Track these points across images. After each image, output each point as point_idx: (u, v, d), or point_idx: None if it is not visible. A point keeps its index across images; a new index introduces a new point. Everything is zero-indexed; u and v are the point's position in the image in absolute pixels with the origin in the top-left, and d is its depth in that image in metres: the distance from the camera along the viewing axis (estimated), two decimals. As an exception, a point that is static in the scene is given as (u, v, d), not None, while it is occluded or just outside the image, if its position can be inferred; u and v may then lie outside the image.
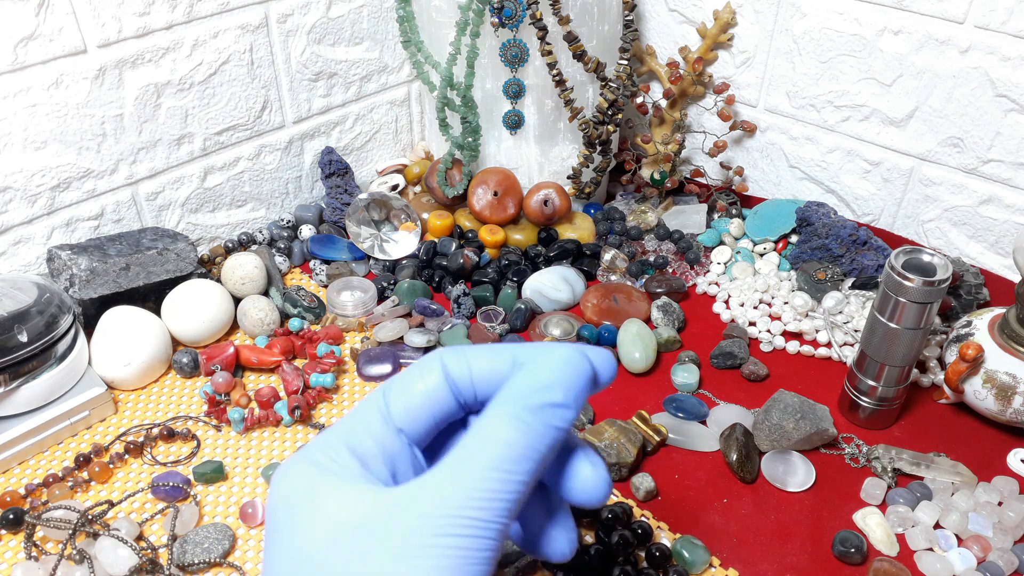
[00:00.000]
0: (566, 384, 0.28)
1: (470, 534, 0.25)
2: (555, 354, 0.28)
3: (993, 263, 0.90)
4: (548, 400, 0.27)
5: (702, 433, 0.71)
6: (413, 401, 0.29)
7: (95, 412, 0.73)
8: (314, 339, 0.81)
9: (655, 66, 1.07)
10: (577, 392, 0.28)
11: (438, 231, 0.96)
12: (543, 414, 0.27)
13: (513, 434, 0.27)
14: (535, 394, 0.27)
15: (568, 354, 0.28)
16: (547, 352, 0.28)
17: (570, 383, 0.28)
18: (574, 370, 0.28)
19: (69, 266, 0.76)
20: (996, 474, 0.68)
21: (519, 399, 0.27)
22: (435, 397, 0.29)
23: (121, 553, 0.58)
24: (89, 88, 0.78)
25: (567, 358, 0.28)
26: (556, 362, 0.28)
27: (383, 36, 1.03)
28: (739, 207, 1.03)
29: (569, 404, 0.28)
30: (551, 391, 0.27)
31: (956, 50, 0.83)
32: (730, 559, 0.61)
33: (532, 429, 0.27)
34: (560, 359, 0.28)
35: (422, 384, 0.29)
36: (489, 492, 0.26)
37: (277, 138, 0.97)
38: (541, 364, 0.28)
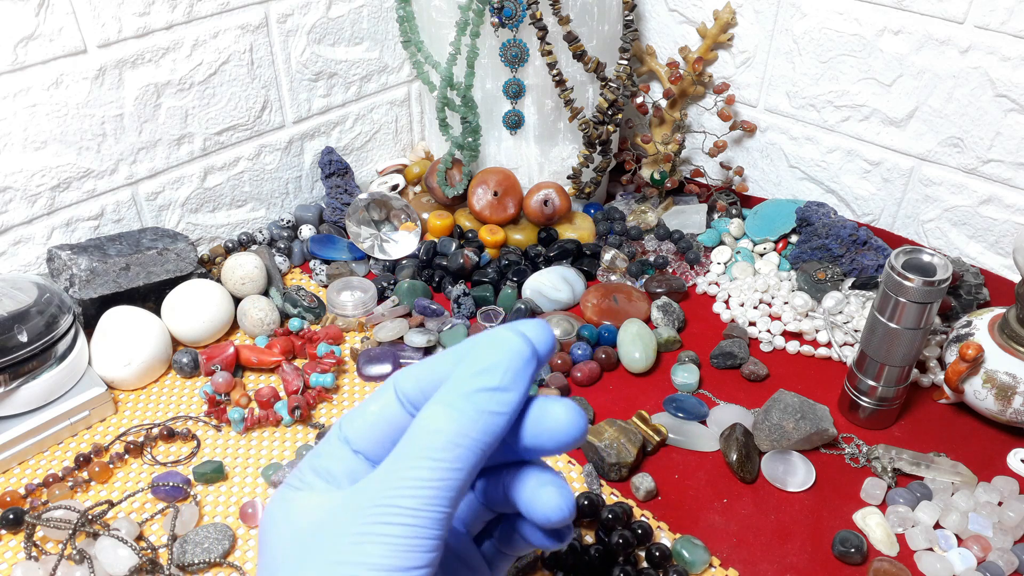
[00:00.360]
0: (498, 366, 0.27)
1: (401, 523, 0.26)
2: (486, 338, 0.28)
3: (993, 263, 0.90)
4: (480, 385, 0.27)
5: (702, 433, 0.71)
6: (366, 422, 0.30)
7: (95, 412, 0.73)
8: (314, 339, 0.81)
9: (655, 66, 1.07)
10: (512, 372, 0.27)
11: (438, 231, 0.96)
12: (475, 399, 0.27)
13: (443, 422, 0.26)
14: (467, 380, 0.27)
15: (498, 335, 0.28)
16: (481, 338, 0.28)
17: (503, 364, 0.27)
18: (505, 350, 0.27)
19: (69, 266, 0.76)
20: (996, 474, 0.68)
21: (453, 388, 0.27)
22: (387, 416, 0.30)
23: (121, 553, 0.58)
24: (89, 88, 0.78)
25: (497, 339, 0.28)
26: (486, 345, 0.28)
27: (383, 36, 1.03)
28: (739, 207, 1.03)
29: (505, 386, 0.27)
30: (482, 375, 0.27)
31: (956, 50, 0.83)
32: (730, 559, 0.61)
33: (464, 415, 0.26)
34: (490, 341, 0.28)
35: (374, 406, 0.30)
36: (418, 481, 0.26)
37: (277, 138, 0.97)
38: (475, 351, 0.28)
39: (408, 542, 0.26)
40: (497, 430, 0.27)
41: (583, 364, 0.78)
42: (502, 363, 0.27)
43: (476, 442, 0.26)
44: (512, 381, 0.27)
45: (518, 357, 0.27)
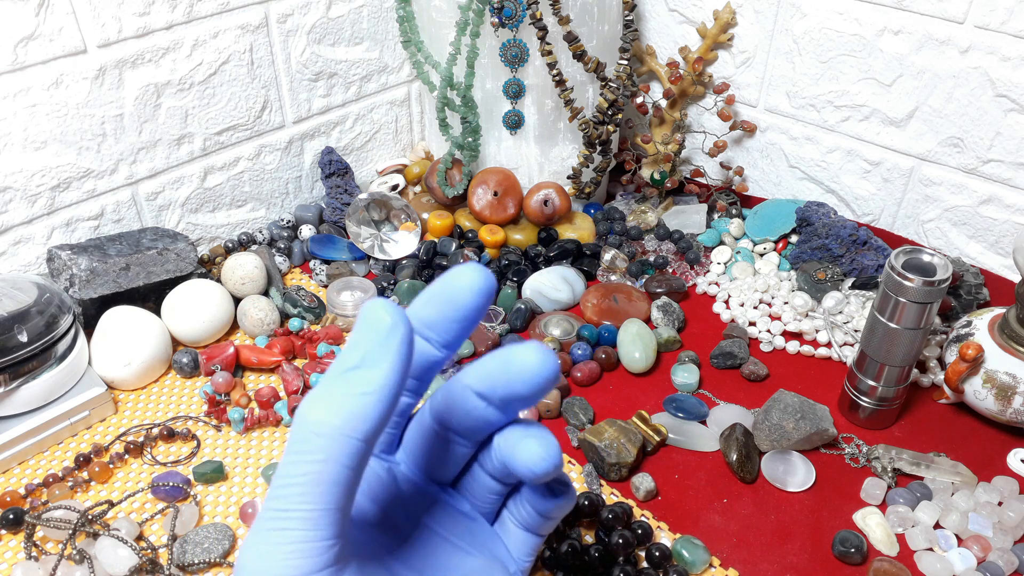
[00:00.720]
0: (357, 343, 0.25)
1: (280, 527, 0.24)
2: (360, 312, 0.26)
3: (993, 263, 0.90)
4: (342, 365, 0.25)
5: (702, 433, 0.71)
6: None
7: (95, 412, 0.73)
8: (314, 339, 0.81)
9: (655, 66, 1.07)
10: (367, 347, 0.25)
11: (438, 231, 0.96)
12: (339, 381, 0.25)
13: (307, 410, 0.25)
14: (335, 364, 0.25)
15: (363, 308, 0.26)
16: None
17: (361, 340, 0.25)
18: (364, 324, 0.25)
19: (69, 266, 0.76)
20: (996, 474, 0.68)
21: (328, 371, 0.25)
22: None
23: (121, 553, 0.58)
24: (89, 88, 0.78)
25: (361, 313, 0.25)
26: (357, 321, 0.25)
27: (383, 36, 1.03)
28: (739, 207, 1.03)
29: (366, 364, 0.24)
30: (344, 354, 0.25)
31: (956, 50, 0.83)
32: (730, 559, 0.61)
33: (329, 401, 0.24)
34: (360, 316, 0.26)
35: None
36: (286, 478, 0.25)
37: (277, 138, 0.97)
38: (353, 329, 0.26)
39: (293, 547, 0.24)
40: (369, 412, 0.24)
41: (583, 364, 0.78)
42: (360, 339, 0.25)
43: (339, 429, 0.24)
44: (377, 355, 0.24)
45: (380, 328, 0.25)
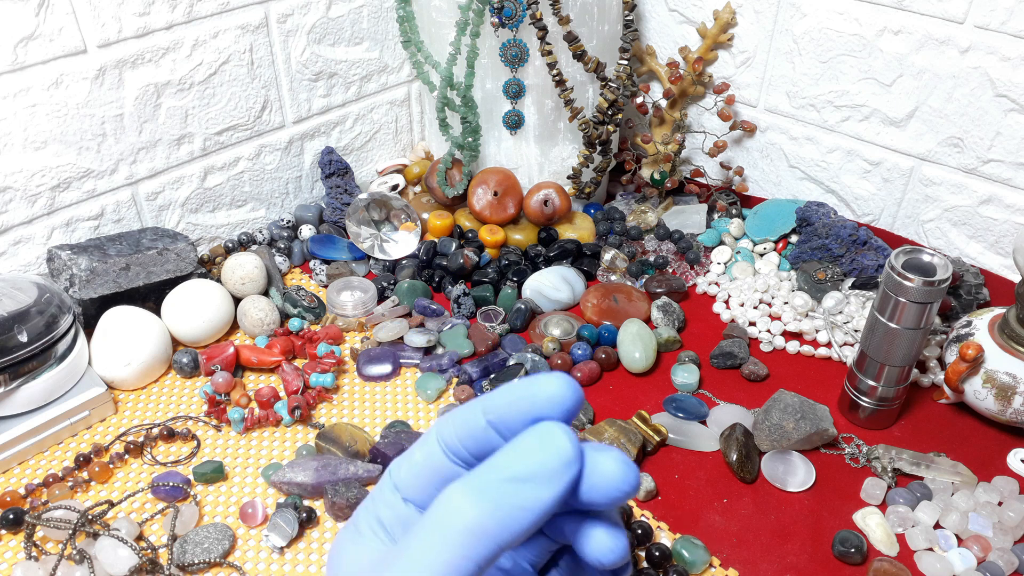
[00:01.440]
0: (539, 461, 0.25)
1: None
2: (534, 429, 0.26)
3: (993, 263, 0.90)
4: (512, 474, 0.25)
5: (702, 433, 0.71)
6: (412, 470, 0.29)
7: (95, 412, 0.73)
8: (314, 339, 0.81)
9: (655, 66, 1.07)
10: (550, 471, 0.25)
11: (438, 231, 0.96)
12: (504, 489, 0.25)
13: (465, 507, 0.25)
14: (501, 468, 0.25)
15: (548, 431, 0.26)
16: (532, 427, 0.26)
17: (544, 461, 0.25)
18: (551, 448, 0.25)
19: (69, 266, 0.76)
20: (996, 474, 0.68)
21: (485, 472, 0.25)
22: (432, 464, 0.29)
23: (121, 553, 0.58)
24: (89, 88, 0.78)
25: (545, 434, 0.26)
26: (532, 437, 0.26)
27: (383, 36, 1.03)
28: (739, 207, 1.03)
29: (542, 483, 0.25)
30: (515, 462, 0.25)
31: (956, 50, 0.83)
32: (730, 559, 0.61)
33: (489, 504, 0.25)
34: (537, 435, 0.26)
35: (419, 454, 0.29)
36: (428, 564, 0.25)
37: (277, 138, 0.97)
38: (520, 438, 0.26)
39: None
40: (521, 527, 0.25)
41: (583, 364, 0.78)
42: (543, 459, 0.25)
43: (494, 536, 0.25)
44: (549, 479, 0.25)
45: (560, 457, 0.25)
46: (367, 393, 0.77)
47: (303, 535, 0.63)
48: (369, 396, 0.77)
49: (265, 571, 0.60)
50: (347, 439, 0.69)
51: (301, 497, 0.66)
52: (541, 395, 0.27)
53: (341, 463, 0.66)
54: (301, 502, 0.65)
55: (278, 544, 0.61)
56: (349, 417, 0.75)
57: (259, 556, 0.61)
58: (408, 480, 0.29)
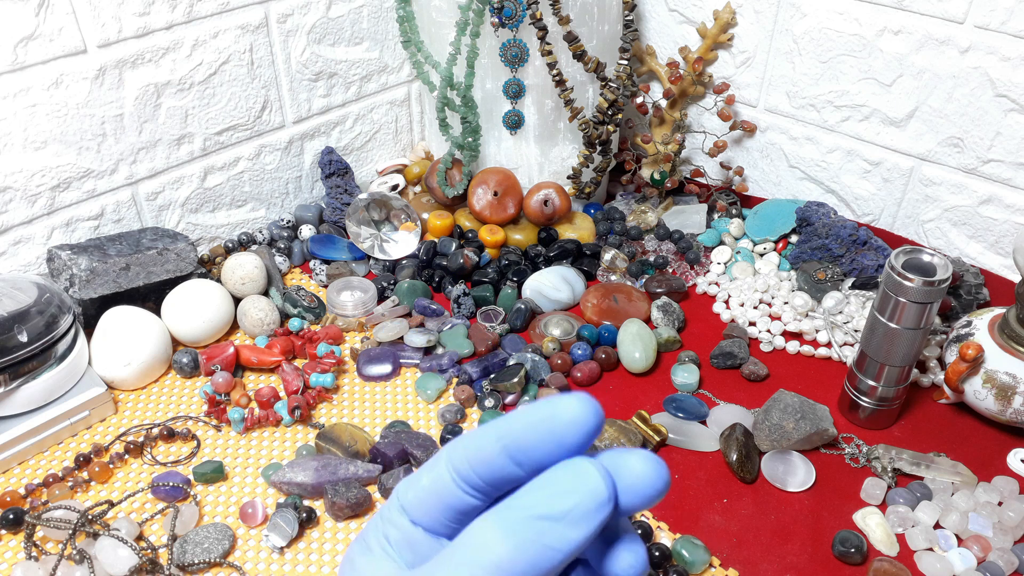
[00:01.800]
0: (571, 501, 0.24)
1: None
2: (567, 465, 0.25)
3: (993, 263, 0.90)
4: (543, 512, 0.24)
5: (702, 433, 0.71)
6: (419, 495, 0.28)
7: (95, 412, 0.73)
8: (314, 339, 0.81)
9: (655, 66, 1.07)
10: (584, 511, 0.24)
11: (438, 231, 0.96)
12: (535, 527, 0.24)
13: (493, 542, 0.24)
14: (532, 504, 0.25)
15: (581, 467, 0.25)
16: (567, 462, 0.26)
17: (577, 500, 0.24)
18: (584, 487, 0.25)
19: (69, 266, 0.76)
20: (996, 474, 0.68)
21: (514, 507, 0.25)
22: (438, 490, 0.28)
23: (121, 553, 0.58)
24: (89, 88, 0.78)
25: (578, 471, 0.25)
26: (564, 473, 0.25)
27: (383, 36, 1.03)
28: (739, 207, 1.03)
29: (572, 523, 0.24)
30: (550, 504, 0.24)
31: (956, 50, 0.83)
32: (730, 559, 0.61)
33: (518, 541, 0.24)
34: (570, 471, 0.25)
35: (426, 479, 0.28)
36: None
37: (277, 138, 0.97)
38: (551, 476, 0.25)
39: None
40: (551, 566, 0.24)
41: (583, 364, 0.78)
42: (576, 499, 0.24)
43: (521, 574, 0.24)
44: (581, 520, 0.24)
45: (594, 498, 0.24)
46: (367, 393, 0.77)
47: (303, 535, 0.63)
48: (369, 396, 0.77)
49: (265, 571, 0.60)
50: (347, 439, 0.69)
51: (301, 497, 0.66)
52: (562, 418, 0.26)
53: (341, 463, 0.66)
54: (301, 502, 0.65)
55: (278, 544, 0.61)
56: (349, 417, 0.75)
57: (259, 556, 0.61)
58: (415, 504, 0.28)
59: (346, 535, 0.63)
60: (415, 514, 0.29)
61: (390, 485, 0.65)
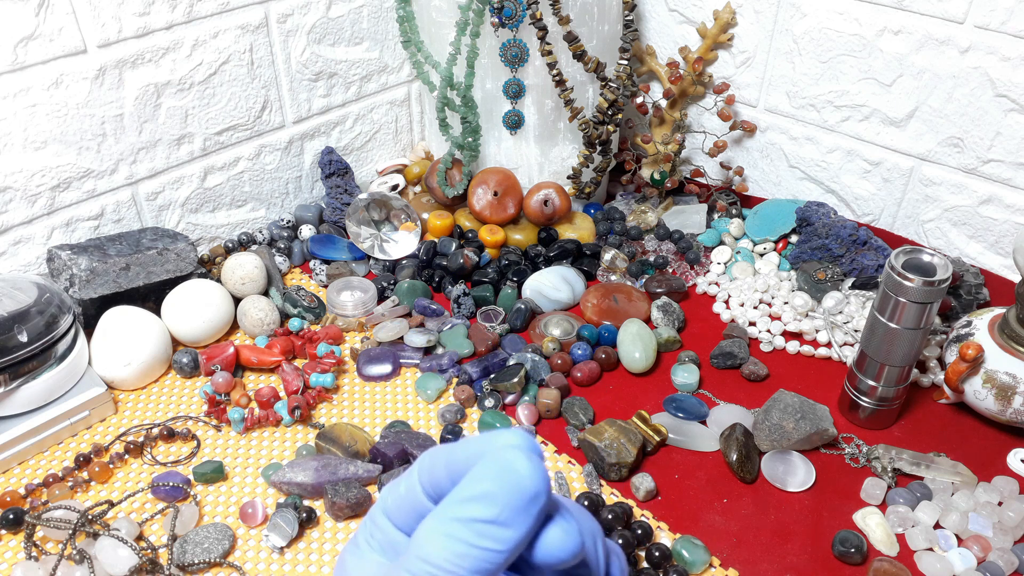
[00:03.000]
0: (497, 497, 0.24)
1: None
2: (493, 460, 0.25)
3: (993, 263, 0.90)
4: (475, 514, 0.24)
5: (702, 433, 0.71)
6: (396, 501, 0.29)
7: (95, 412, 0.73)
8: (314, 339, 0.81)
9: (655, 66, 1.07)
10: (512, 508, 0.24)
11: (438, 231, 0.96)
12: (471, 528, 0.24)
13: (433, 547, 0.24)
14: (461, 505, 0.24)
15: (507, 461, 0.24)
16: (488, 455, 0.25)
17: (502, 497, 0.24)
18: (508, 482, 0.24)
19: (69, 266, 0.76)
20: (996, 474, 0.68)
21: (448, 509, 0.24)
22: (411, 499, 0.29)
23: (121, 553, 0.58)
24: (89, 88, 0.78)
25: (503, 465, 0.24)
26: (491, 467, 0.24)
27: (383, 36, 1.03)
28: (739, 207, 1.03)
29: (504, 521, 0.24)
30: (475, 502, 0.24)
31: (956, 50, 0.83)
32: (730, 559, 0.61)
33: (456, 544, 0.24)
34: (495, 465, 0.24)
35: (403, 487, 0.29)
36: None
37: (277, 138, 0.97)
38: (478, 470, 0.24)
39: None
40: (490, 568, 0.24)
41: (583, 364, 0.78)
42: (497, 492, 0.24)
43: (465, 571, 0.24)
44: (508, 517, 0.24)
45: (517, 491, 0.24)
46: (367, 393, 0.77)
47: (303, 535, 0.63)
48: (369, 396, 0.77)
49: (265, 571, 0.60)
50: (347, 439, 0.69)
51: (301, 497, 0.66)
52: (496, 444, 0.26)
53: (341, 463, 0.66)
54: (301, 502, 0.65)
55: (278, 544, 0.61)
56: (349, 417, 0.75)
57: (259, 556, 0.61)
58: (394, 509, 0.29)
59: (346, 535, 0.63)
60: (395, 518, 0.29)
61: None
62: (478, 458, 0.26)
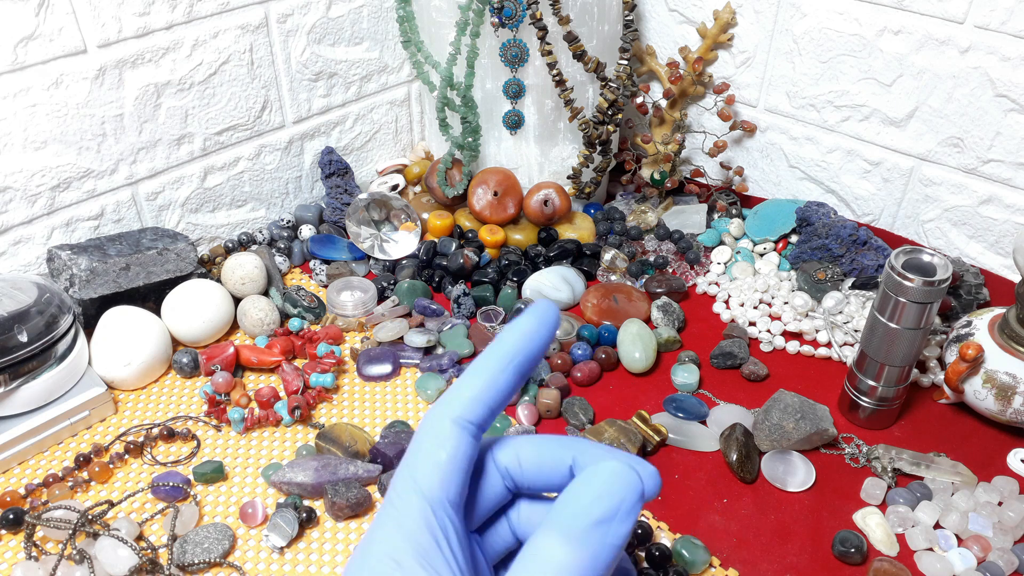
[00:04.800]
0: (619, 501, 0.27)
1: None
2: (606, 469, 0.28)
3: (993, 263, 0.90)
4: (599, 517, 0.27)
5: (702, 433, 0.71)
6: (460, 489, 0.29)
7: (95, 412, 0.73)
8: (314, 339, 0.81)
9: (655, 66, 1.07)
10: (629, 508, 0.27)
11: (438, 231, 0.96)
12: (595, 534, 0.27)
13: (564, 557, 0.26)
14: (586, 514, 0.27)
15: (618, 471, 0.28)
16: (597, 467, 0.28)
17: (623, 499, 0.27)
18: (625, 486, 0.27)
19: (69, 266, 0.76)
20: (996, 474, 0.68)
21: (572, 520, 0.27)
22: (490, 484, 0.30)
23: (121, 553, 0.58)
24: (89, 88, 0.78)
25: (618, 474, 0.28)
26: (607, 478, 0.27)
27: (383, 36, 1.03)
28: (739, 207, 1.03)
29: (623, 520, 0.27)
30: (602, 508, 0.27)
31: (956, 50, 0.83)
32: (730, 559, 0.61)
33: (584, 550, 0.26)
34: (611, 474, 0.28)
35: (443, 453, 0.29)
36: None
37: (277, 138, 0.97)
38: (591, 479, 0.28)
39: None
40: (609, 563, 0.27)
41: (583, 364, 0.78)
42: (622, 498, 0.27)
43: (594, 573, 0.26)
44: (627, 516, 0.27)
45: (635, 493, 0.28)
46: (367, 393, 0.77)
47: (303, 535, 0.63)
48: (369, 396, 0.77)
49: (265, 571, 0.60)
50: (347, 439, 0.69)
51: (301, 497, 0.66)
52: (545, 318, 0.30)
53: (341, 463, 0.66)
54: (301, 502, 0.65)
55: (278, 544, 0.61)
56: (349, 417, 0.75)
57: (259, 556, 0.61)
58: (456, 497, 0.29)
59: (346, 535, 0.63)
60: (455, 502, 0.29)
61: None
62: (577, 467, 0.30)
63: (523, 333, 0.29)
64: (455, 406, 0.29)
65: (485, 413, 0.29)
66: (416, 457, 0.29)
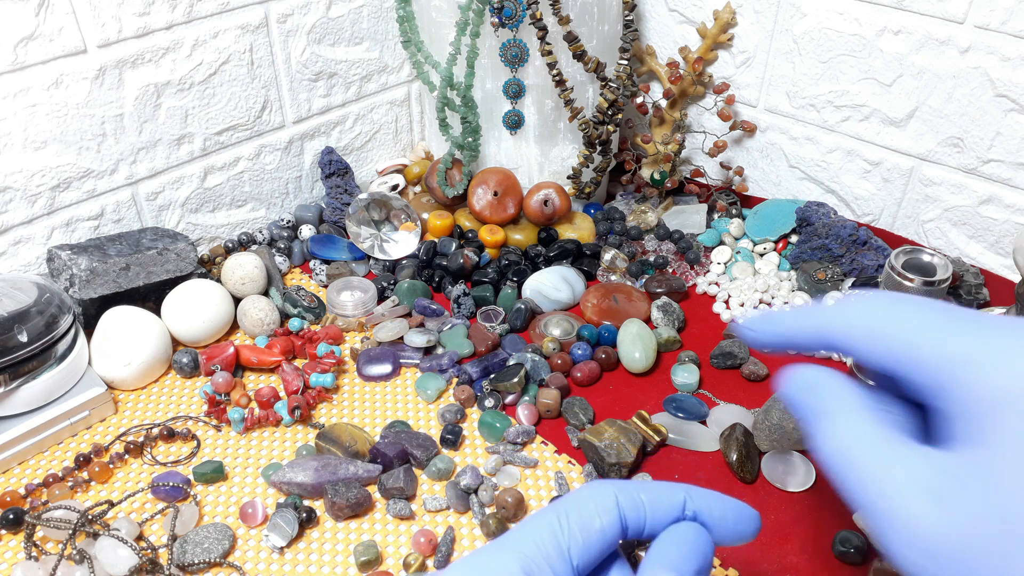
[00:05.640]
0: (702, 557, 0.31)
1: None
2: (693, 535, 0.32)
3: (993, 263, 0.90)
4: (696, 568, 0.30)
5: (702, 433, 0.71)
6: (591, 539, 0.31)
7: (95, 412, 0.73)
8: (314, 339, 0.81)
9: (655, 66, 1.07)
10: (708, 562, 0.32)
11: (438, 231, 0.96)
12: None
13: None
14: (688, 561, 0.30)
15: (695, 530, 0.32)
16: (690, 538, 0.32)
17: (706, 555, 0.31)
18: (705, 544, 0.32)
19: (69, 266, 0.76)
20: (996, 474, 0.68)
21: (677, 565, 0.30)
22: (610, 536, 0.31)
23: (121, 553, 0.58)
24: (89, 88, 0.78)
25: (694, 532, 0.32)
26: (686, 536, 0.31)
27: (383, 36, 1.03)
28: (739, 207, 1.03)
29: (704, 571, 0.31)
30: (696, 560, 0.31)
31: (956, 50, 0.83)
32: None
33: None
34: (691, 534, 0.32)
35: (599, 522, 0.31)
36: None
37: (277, 138, 0.97)
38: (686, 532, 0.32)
39: None
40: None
41: (583, 364, 0.78)
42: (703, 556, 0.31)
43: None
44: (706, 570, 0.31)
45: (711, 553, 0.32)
46: (367, 393, 0.77)
47: (303, 535, 0.63)
48: (369, 396, 0.77)
49: (265, 571, 0.60)
50: (347, 439, 0.69)
51: (301, 497, 0.66)
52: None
53: (341, 463, 0.66)
54: (301, 502, 0.65)
55: (278, 544, 0.61)
56: (349, 417, 0.75)
57: (259, 556, 0.61)
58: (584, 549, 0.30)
59: (346, 535, 0.63)
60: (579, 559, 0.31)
61: (390, 485, 0.65)
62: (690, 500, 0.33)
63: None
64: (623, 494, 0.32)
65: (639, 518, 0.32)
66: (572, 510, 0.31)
